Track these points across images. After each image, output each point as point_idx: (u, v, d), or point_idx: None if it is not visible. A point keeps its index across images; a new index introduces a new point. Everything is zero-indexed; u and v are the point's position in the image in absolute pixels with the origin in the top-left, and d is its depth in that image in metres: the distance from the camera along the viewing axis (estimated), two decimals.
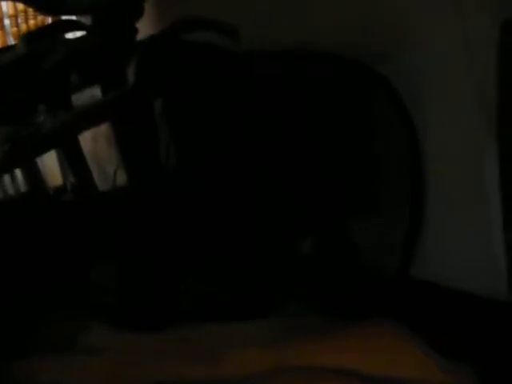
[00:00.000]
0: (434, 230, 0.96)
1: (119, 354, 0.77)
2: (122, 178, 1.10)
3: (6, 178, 1.99)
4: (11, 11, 2.15)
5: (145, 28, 0.99)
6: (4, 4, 2.17)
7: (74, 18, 1.04)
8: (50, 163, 1.36)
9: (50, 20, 1.98)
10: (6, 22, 2.20)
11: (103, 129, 1.12)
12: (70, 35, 1.09)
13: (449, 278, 0.92)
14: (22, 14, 2.10)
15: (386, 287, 0.97)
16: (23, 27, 2.13)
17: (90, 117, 0.77)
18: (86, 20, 1.03)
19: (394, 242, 0.99)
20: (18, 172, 1.86)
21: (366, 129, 0.96)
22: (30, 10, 2.10)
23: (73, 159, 1.07)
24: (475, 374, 0.69)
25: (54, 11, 1.00)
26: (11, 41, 2.18)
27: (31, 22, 2.11)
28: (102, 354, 0.77)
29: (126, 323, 0.84)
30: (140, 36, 0.99)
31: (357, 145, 0.98)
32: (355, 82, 0.94)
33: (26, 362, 0.77)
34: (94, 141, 1.13)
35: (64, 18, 1.04)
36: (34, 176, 1.30)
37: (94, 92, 0.91)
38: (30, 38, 0.97)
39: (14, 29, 2.18)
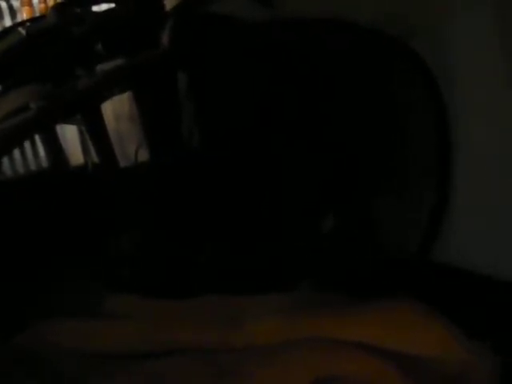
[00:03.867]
0: (460, 215, 0.94)
1: (140, 321, 0.78)
2: (143, 156, 1.11)
3: (29, 152, 2.00)
4: None
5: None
6: None
7: None
8: (71, 142, 1.38)
9: None
10: None
11: (126, 107, 1.12)
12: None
13: (473, 262, 0.91)
14: None
15: (407, 268, 0.96)
16: (51, 4, 2.14)
17: (123, 76, 0.77)
18: None
19: (417, 223, 0.97)
20: (40, 148, 1.87)
21: (393, 104, 0.94)
22: None
23: (96, 135, 1.08)
24: (496, 355, 0.68)
25: None
26: None
27: None
28: (124, 319, 0.78)
29: (148, 292, 0.85)
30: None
31: (383, 121, 0.96)
32: (384, 55, 0.92)
33: (47, 326, 0.78)
34: (116, 120, 1.14)
35: None
36: (56, 151, 1.32)
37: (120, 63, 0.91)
38: (60, 9, 0.97)
39: (42, 5, 2.20)
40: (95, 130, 1.06)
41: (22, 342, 0.76)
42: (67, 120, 1.06)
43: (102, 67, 0.87)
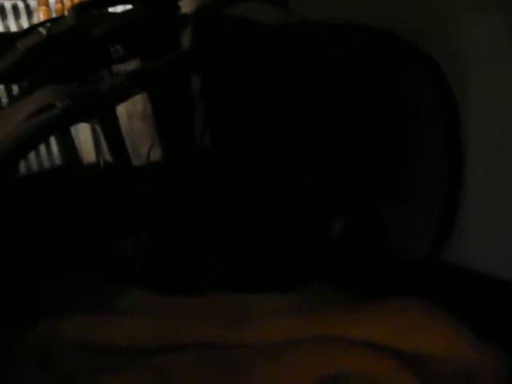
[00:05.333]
0: (474, 216, 0.95)
1: (150, 317, 0.79)
2: (155, 155, 1.13)
3: (43, 150, 2.02)
4: None
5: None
6: None
7: None
8: (84, 141, 1.40)
9: None
10: None
11: (140, 106, 1.14)
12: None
13: (484, 264, 0.92)
14: None
15: (417, 269, 0.97)
16: (68, 4, 2.16)
17: (146, 78, 0.79)
18: None
19: (427, 226, 0.98)
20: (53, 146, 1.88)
21: (406, 107, 0.95)
22: None
23: (110, 134, 1.09)
24: (508, 356, 0.69)
25: None
26: None
27: None
28: (134, 315, 0.79)
29: (157, 289, 0.86)
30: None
31: (394, 125, 0.96)
32: (397, 58, 0.93)
33: (61, 321, 0.80)
34: (129, 119, 1.15)
35: None
36: (70, 150, 1.34)
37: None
38: (79, 11, 0.99)
39: (59, 5, 2.21)
40: (110, 129, 1.08)
41: (36, 336, 0.77)
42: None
43: (120, 68, 0.89)
